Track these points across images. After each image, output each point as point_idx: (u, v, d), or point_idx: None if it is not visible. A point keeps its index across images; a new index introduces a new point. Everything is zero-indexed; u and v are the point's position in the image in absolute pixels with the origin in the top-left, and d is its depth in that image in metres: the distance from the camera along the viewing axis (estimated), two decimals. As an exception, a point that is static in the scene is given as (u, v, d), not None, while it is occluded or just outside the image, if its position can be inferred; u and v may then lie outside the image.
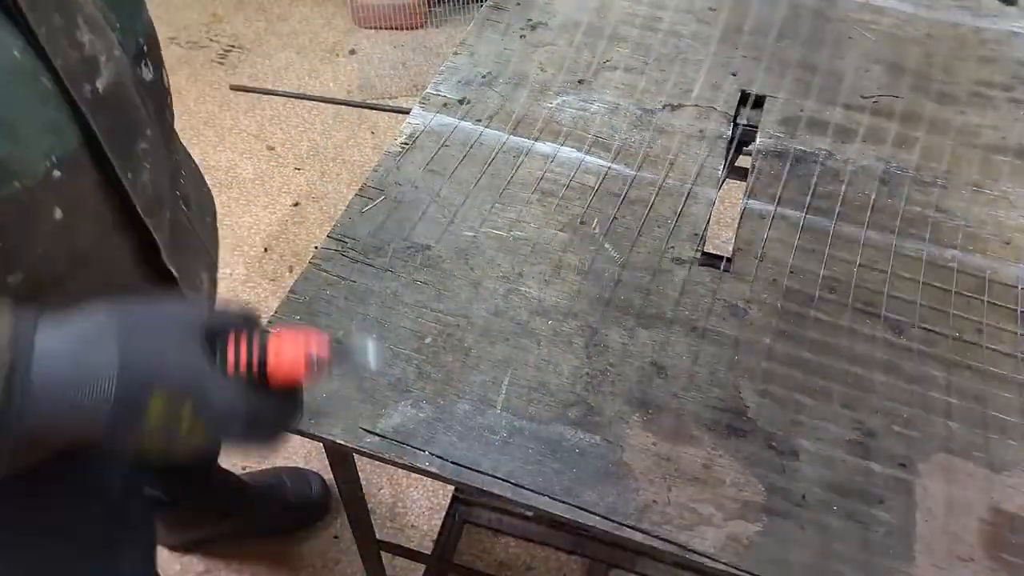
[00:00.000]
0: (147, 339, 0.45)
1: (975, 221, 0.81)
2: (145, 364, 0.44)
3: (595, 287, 0.73)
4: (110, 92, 0.52)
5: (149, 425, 0.44)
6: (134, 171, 0.56)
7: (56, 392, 0.42)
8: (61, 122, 0.49)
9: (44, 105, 0.48)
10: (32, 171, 0.48)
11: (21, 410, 0.41)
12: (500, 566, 1.34)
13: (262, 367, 0.47)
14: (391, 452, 0.61)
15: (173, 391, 0.44)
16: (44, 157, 0.48)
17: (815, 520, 0.59)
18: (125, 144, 0.55)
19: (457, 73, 0.95)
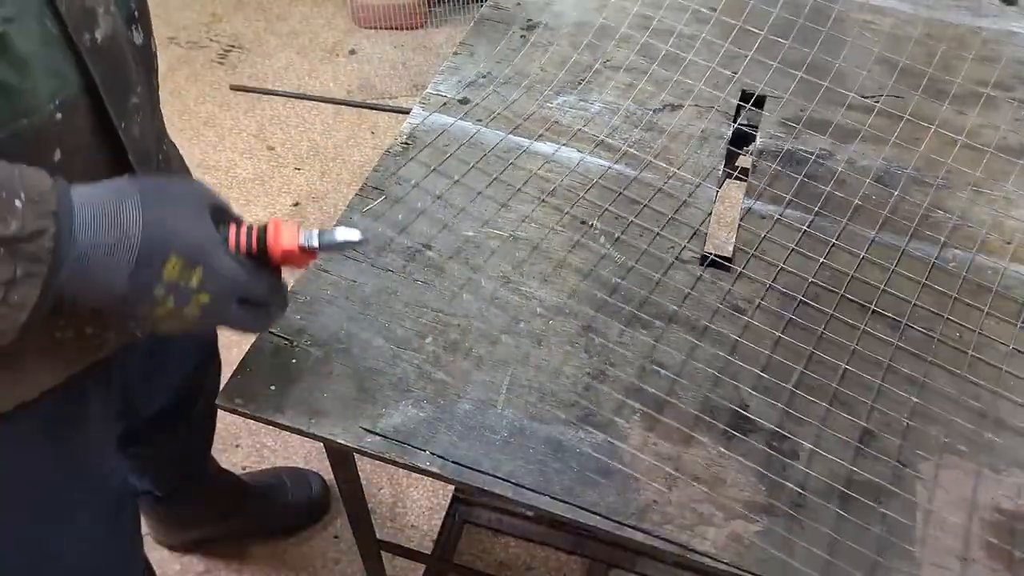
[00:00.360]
0: (166, 205, 0.50)
1: (975, 221, 0.81)
2: (165, 225, 0.49)
3: (596, 287, 0.73)
4: (107, 44, 0.55)
5: (164, 282, 0.49)
6: (127, 121, 0.60)
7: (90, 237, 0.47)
8: (64, 66, 0.52)
9: (49, 48, 0.51)
10: (38, 109, 0.51)
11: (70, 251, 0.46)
12: (500, 566, 1.34)
13: (262, 245, 0.54)
14: (391, 452, 0.61)
15: (188, 253, 0.50)
16: (49, 99, 0.52)
17: (815, 520, 0.59)
18: (119, 95, 0.58)
19: (457, 73, 0.95)
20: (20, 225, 0.44)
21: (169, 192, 0.52)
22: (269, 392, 0.64)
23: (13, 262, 0.45)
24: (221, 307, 0.53)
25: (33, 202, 0.45)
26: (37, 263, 0.45)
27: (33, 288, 0.46)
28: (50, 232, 0.45)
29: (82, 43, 0.53)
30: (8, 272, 0.44)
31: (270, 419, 0.63)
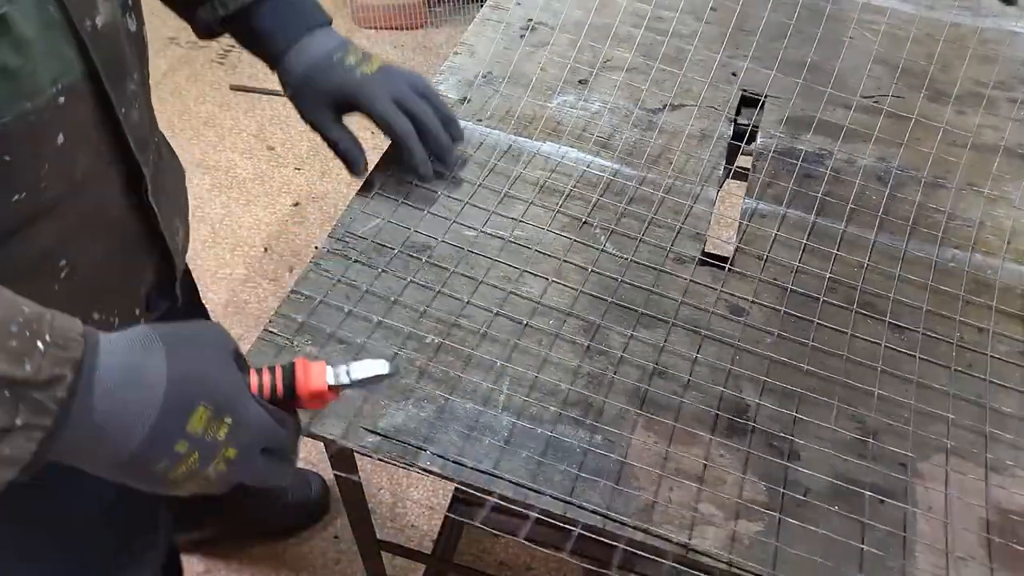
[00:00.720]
0: (192, 353, 0.47)
1: (975, 221, 0.81)
2: (192, 374, 0.46)
3: (596, 287, 0.73)
4: (106, 30, 0.56)
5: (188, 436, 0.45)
6: (127, 107, 0.60)
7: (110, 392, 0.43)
8: (66, 51, 0.53)
9: (52, 32, 0.51)
10: (40, 93, 0.51)
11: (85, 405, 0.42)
12: (500, 566, 1.34)
13: (290, 389, 0.51)
14: (391, 452, 0.61)
15: (217, 403, 0.46)
16: (51, 83, 0.52)
17: (816, 520, 0.59)
18: (119, 81, 0.59)
19: (457, 73, 0.95)
20: (36, 368, 0.40)
21: (194, 339, 0.49)
22: (269, 392, 0.64)
23: (16, 408, 0.40)
24: (247, 462, 0.49)
25: (57, 346, 0.42)
26: (42, 414, 0.41)
27: (29, 442, 0.41)
28: (67, 381, 0.41)
29: (83, 28, 0.53)
30: (7, 419, 0.39)
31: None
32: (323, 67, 0.76)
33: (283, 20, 0.77)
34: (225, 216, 1.89)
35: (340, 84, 0.76)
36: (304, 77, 0.76)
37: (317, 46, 0.77)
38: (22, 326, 0.41)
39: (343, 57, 0.76)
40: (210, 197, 1.92)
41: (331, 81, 0.76)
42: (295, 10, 0.78)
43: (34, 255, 0.58)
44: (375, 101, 0.75)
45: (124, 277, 0.69)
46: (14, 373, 0.39)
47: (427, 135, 0.78)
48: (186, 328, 0.49)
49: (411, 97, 0.77)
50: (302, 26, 0.77)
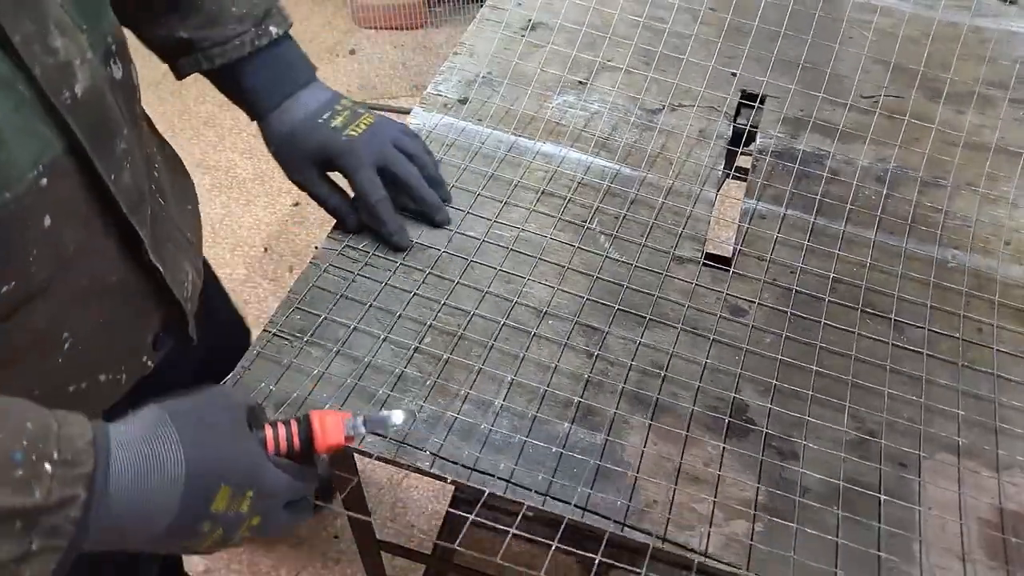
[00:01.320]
0: (205, 432, 0.47)
1: (975, 221, 0.81)
2: (210, 457, 0.46)
3: (596, 287, 0.73)
4: (87, 97, 0.51)
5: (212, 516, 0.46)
6: (116, 171, 0.56)
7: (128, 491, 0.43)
8: (43, 130, 0.49)
9: (24, 113, 0.47)
10: (20, 180, 0.47)
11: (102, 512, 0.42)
12: (500, 566, 1.34)
13: (307, 445, 0.52)
14: (391, 452, 0.61)
15: (238, 482, 0.47)
16: (31, 166, 0.48)
17: (816, 520, 0.59)
18: (106, 146, 0.55)
19: (457, 73, 0.95)
20: (46, 494, 0.38)
21: (205, 416, 0.48)
22: (269, 392, 0.64)
23: (29, 537, 0.38)
24: (271, 524, 0.51)
25: (66, 463, 0.40)
26: (57, 537, 0.39)
27: (47, 564, 0.40)
28: (80, 501, 0.40)
29: (60, 102, 0.49)
30: (21, 549, 0.38)
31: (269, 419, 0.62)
32: (308, 127, 0.73)
33: (270, 79, 0.74)
34: (225, 216, 1.89)
35: (323, 145, 0.73)
36: (288, 136, 0.74)
37: (302, 106, 0.74)
38: (27, 450, 0.39)
39: (329, 119, 0.74)
40: (210, 197, 1.92)
41: (314, 140, 0.73)
42: (282, 69, 0.75)
43: (33, 335, 0.55)
44: (356, 169, 0.72)
45: (130, 336, 0.65)
46: (23, 503, 0.38)
47: (411, 194, 0.75)
48: (197, 404, 0.49)
49: (396, 160, 0.74)
50: (289, 86, 0.75)
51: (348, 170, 0.73)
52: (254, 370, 0.65)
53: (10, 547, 0.38)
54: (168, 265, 0.65)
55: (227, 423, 0.48)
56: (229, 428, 0.48)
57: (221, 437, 0.47)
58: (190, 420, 0.46)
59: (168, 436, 0.45)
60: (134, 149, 0.60)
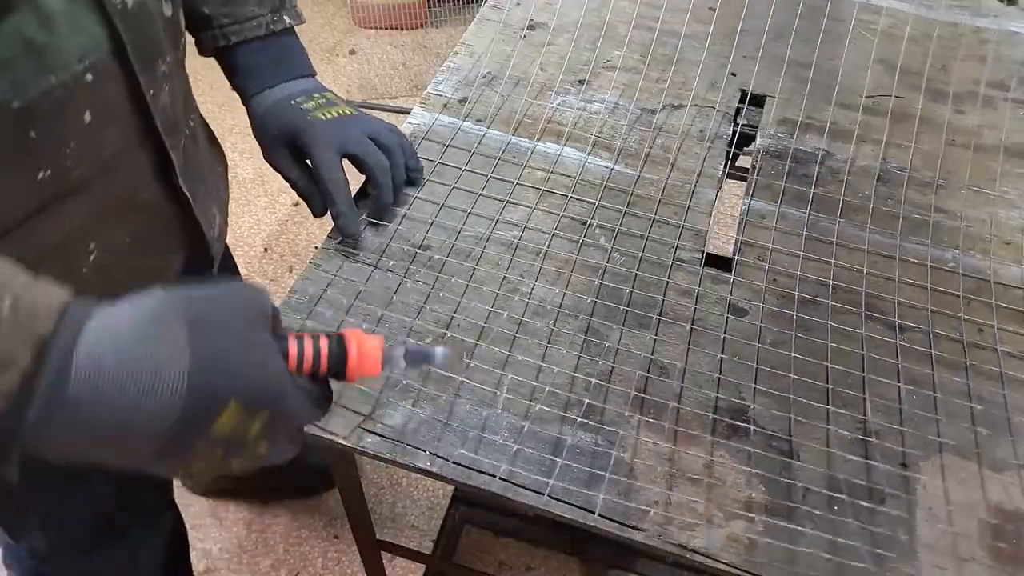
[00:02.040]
0: (219, 335, 0.38)
1: (975, 221, 0.81)
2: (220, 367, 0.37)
3: (596, 287, 0.73)
4: (137, 10, 0.57)
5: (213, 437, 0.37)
6: (156, 89, 0.61)
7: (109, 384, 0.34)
8: (94, 28, 0.54)
9: (78, 6, 0.52)
10: (67, 68, 0.52)
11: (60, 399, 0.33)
12: (500, 566, 1.34)
13: (340, 369, 0.44)
14: (391, 452, 0.61)
15: (253, 400, 0.38)
16: (78, 59, 0.53)
17: (816, 520, 0.59)
18: (148, 61, 0.59)
19: (457, 73, 0.95)
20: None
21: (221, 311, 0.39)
22: (269, 392, 0.64)
23: None
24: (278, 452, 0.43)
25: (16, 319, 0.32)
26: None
27: None
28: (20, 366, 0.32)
29: (111, 6, 0.54)
30: None
31: (270, 419, 0.63)
32: (279, 108, 0.75)
33: (268, 63, 0.77)
34: (225, 216, 1.89)
35: (288, 124, 0.74)
36: (262, 116, 0.76)
37: (283, 90, 0.76)
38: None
39: (302, 102, 0.75)
40: (210, 197, 1.92)
41: (282, 121, 0.74)
42: (282, 56, 0.77)
43: (62, 236, 0.58)
44: (315, 147, 0.72)
45: (155, 262, 0.69)
46: None
47: (372, 179, 0.75)
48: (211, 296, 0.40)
49: (363, 148, 0.73)
50: (283, 74, 0.77)
51: (307, 148, 0.73)
52: (254, 370, 0.65)
53: None
54: (197, 200, 0.70)
55: (245, 324, 0.39)
56: (248, 333, 0.39)
57: (237, 342, 0.38)
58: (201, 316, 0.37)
59: (172, 332, 0.36)
60: (175, 79, 0.65)
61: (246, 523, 1.41)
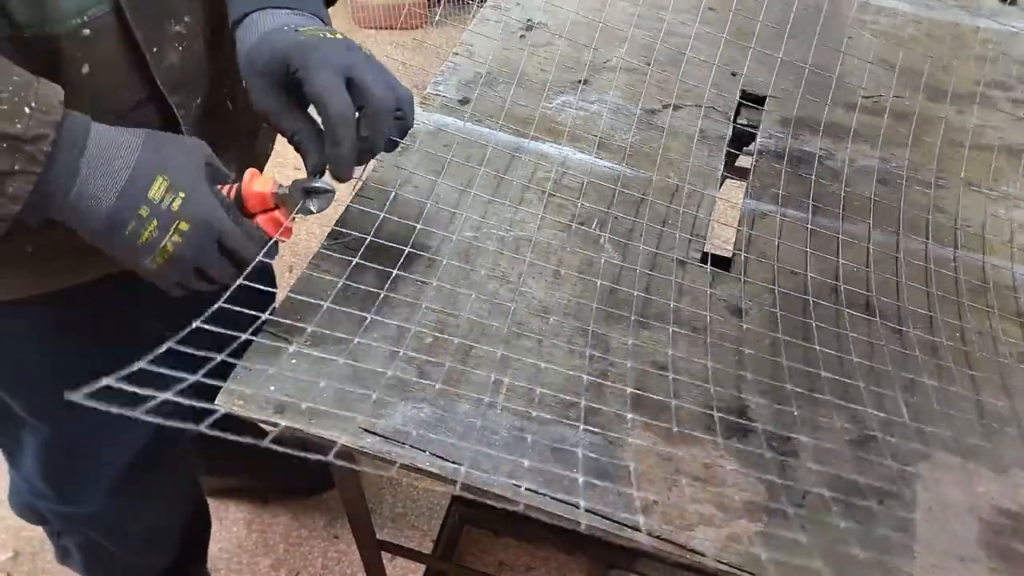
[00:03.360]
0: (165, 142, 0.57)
1: (975, 221, 0.81)
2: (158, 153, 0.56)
3: (595, 287, 0.73)
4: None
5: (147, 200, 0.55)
6: (161, 47, 0.63)
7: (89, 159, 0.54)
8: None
9: None
10: (62, 22, 0.56)
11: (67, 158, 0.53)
12: (500, 566, 1.34)
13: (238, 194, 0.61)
14: (391, 452, 0.61)
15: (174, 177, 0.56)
16: (76, 13, 0.56)
17: (815, 520, 0.59)
18: (154, 19, 0.62)
19: (457, 73, 0.95)
20: (24, 128, 0.50)
21: (172, 137, 0.58)
22: (269, 392, 0.64)
23: (12, 157, 0.50)
24: (201, 241, 0.57)
25: (40, 111, 0.51)
26: (33, 163, 0.51)
27: (27, 183, 0.51)
28: (49, 139, 0.51)
29: None
30: (7, 164, 0.50)
31: (270, 420, 0.63)
32: (271, 38, 0.60)
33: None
34: (225, 216, 1.89)
35: (281, 49, 0.59)
36: (250, 53, 0.61)
37: (275, 19, 0.62)
38: (13, 92, 0.50)
39: (297, 26, 0.61)
40: (210, 197, 1.92)
41: (276, 50, 0.59)
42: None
43: None
44: (314, 70, 0.57)
45: None
46: (8, 130, 0.50)
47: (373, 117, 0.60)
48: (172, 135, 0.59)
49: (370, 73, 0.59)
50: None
51: (305, 71, 0.58)
52: (253, 370, 0.65)
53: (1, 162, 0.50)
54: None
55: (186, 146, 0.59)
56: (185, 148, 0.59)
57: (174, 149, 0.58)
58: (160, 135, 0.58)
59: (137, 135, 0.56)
60: (194, 40, 0.66)
61: (246, 523, 1.41)
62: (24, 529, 1.41)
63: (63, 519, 0.95)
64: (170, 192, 0.56)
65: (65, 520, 0.95)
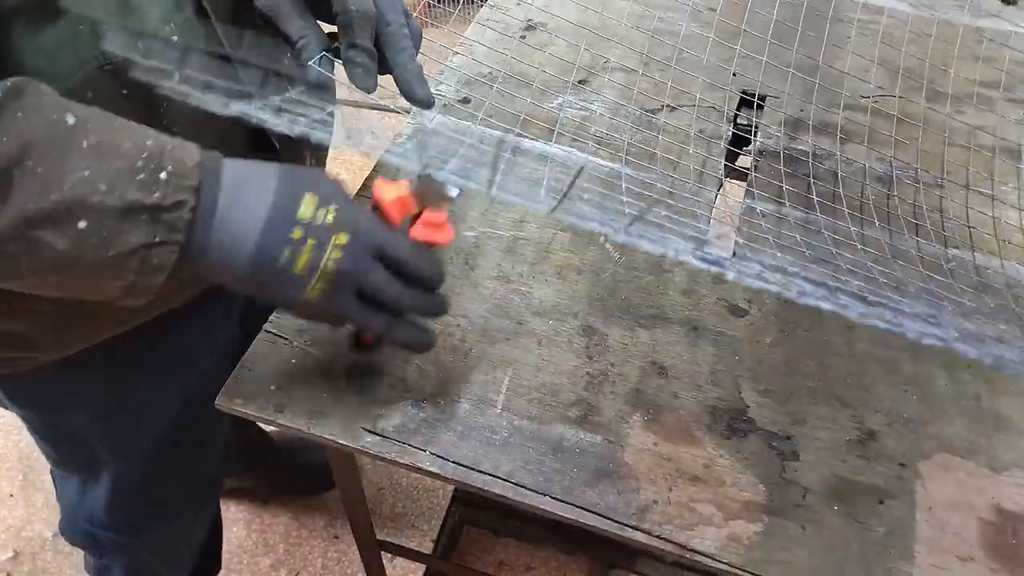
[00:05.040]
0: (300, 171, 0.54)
1: (975, 221, 0.81)
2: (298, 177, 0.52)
3: (595, 287, 0.73)
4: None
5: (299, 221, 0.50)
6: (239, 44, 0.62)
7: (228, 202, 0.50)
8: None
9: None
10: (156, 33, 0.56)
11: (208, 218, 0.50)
12: (500, 566, 1.34)
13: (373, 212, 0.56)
14: (391, 452, 0.61)
15: (322, 192, 0.52)
16: (163, 19, 0.56)
17: (815, 520, 0.59)
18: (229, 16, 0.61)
19: (457, 73, 0.95)
20: (162, 196, 0.48)
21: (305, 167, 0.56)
22: (269, 392, 0.64)
23: (154, 228, 0.48)
24: (364, 252, 0.52)
25: (177, 175, 0.48)
26: (174, 231, 0.49)
27: (171, 253, 0.49)
28: (188, 205, 0.49)
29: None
30: (149, 236, 0.48)
31: (270, 419, 0.63)
32: None
33: None
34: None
35: None
36: None
37: None
38: (147, 160, 0.48)
39: None
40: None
41: None
42: None
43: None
44: None
45: None
46: (147, 200, 0.47)
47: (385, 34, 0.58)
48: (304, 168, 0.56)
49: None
50: None
51: None
52: (254, 370, 0.65)
53: (141, 234, 0.48)
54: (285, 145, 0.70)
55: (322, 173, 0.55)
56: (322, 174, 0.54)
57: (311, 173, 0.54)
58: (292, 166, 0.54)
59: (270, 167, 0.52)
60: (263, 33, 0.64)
61: (246, 523, 1.41)
62: (24, 529, 1.41)
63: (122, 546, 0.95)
64: (321, 207, 0.51)
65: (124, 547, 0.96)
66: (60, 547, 1.39)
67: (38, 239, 0.45)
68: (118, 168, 0.47)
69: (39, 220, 0.45)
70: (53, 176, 0.45)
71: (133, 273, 0.49)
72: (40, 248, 0.46)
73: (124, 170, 0.47)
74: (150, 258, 0.48)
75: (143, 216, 0.47)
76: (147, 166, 0.48)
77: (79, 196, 0.45)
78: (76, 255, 0.47)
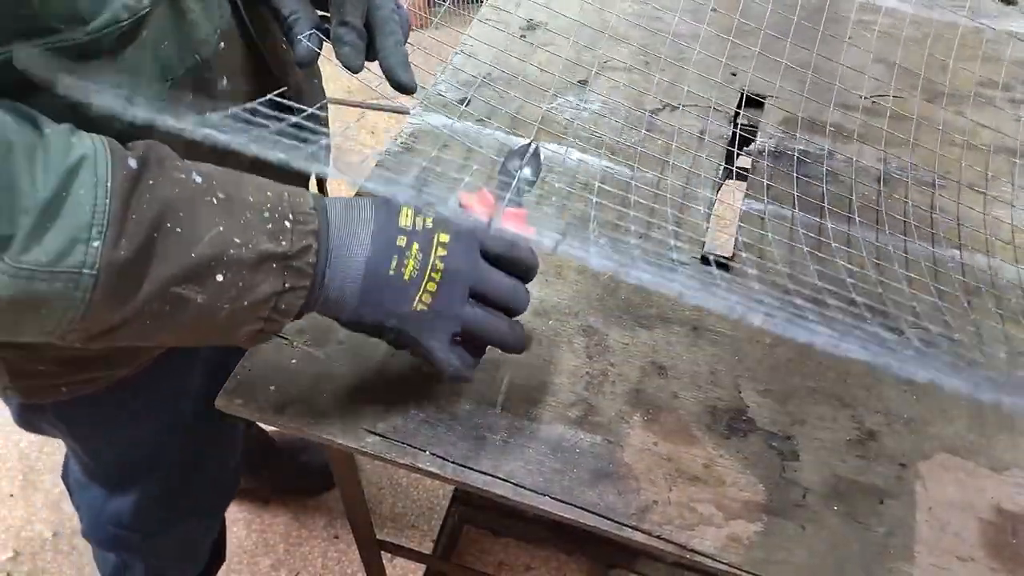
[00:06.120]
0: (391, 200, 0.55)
1: (975, 221, 0.81)
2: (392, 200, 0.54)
3: (595, 287, 0.73)
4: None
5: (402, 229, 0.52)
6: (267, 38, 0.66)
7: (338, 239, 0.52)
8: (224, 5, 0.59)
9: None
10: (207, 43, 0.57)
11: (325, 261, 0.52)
12: (500, 566, 1.34)
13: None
14: (391, 452, 0.61)
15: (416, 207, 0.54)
16: (212, 31, 0.57)
17: (815, 520, 0.59)
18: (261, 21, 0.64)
19: (457, 73, 0.95)
20: (289, 243, 0.49)
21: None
22: (269, 392, 0.64)
23: (283, 276, 0.49)
24: (467, 248, 0.54)
25: (299, 222, 0.50)
26: (303, 277, 0.50)
27: (299, 299, 0.51)
28: (313, 249, 0.50)
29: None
30: (279, 284, 0.49)
31: (270, 420, 0.63)
32: None
33: None
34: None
35: None
36: None
37: None
38: (271, 210, 0.49)
39: None
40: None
41: None
42: None
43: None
44: None
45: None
46: (276, 249, 0.49)
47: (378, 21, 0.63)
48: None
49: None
50: None
51: None
52: (254, 371, 0.65)
53: (273, 283, 0.49)
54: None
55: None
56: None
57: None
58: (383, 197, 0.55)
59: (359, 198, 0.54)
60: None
61: (246, 523, 1.41)
62: (24, 529, 1.41)
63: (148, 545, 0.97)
64: (419, 215, 0.53)
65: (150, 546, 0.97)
66: (60, 547, 1.39)
67: (180, 296, 0.46)
68: (248, 220, 0.48)
69: (182, 278, 0.46)
70: (191, 235, 0.46)
71: (263, 320, 0.50)
72: (181, 305, 0.47)
73: (254, 222, 0.48)
74: (280, 304, 0.50)
75: (274, 265, 0.49)
76: (272, 215, 0.49)
77: (217, 252, 0.47)
78: (213, 308, 0.48)
